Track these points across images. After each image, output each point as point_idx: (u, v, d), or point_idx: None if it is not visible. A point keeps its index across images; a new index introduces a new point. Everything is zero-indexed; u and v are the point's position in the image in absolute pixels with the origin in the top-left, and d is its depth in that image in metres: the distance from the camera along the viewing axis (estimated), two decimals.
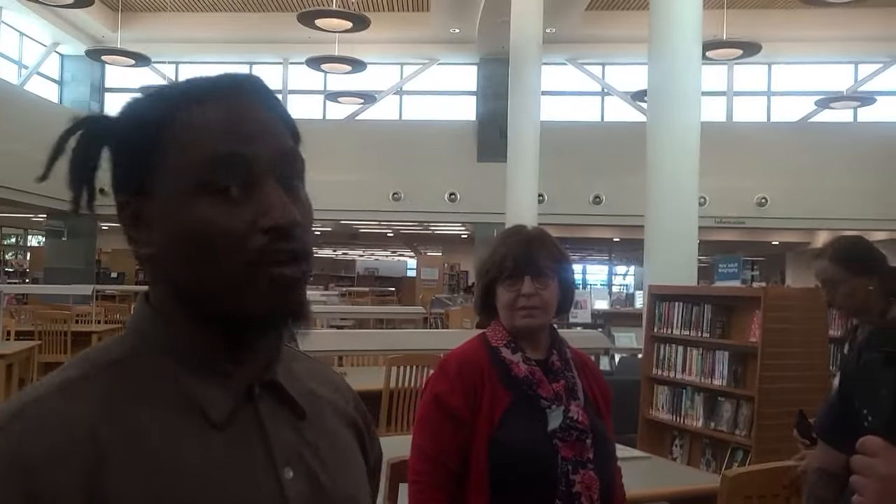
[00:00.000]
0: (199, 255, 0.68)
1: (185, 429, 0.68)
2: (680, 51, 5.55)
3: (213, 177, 0.68)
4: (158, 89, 0.73)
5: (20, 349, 7.20)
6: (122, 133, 0.71)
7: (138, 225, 0.71)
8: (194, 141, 0.69)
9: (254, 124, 0.71)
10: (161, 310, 0.72)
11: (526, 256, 1.70)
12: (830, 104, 12.93)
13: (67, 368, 0.70)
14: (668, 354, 4.45)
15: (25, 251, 20.35)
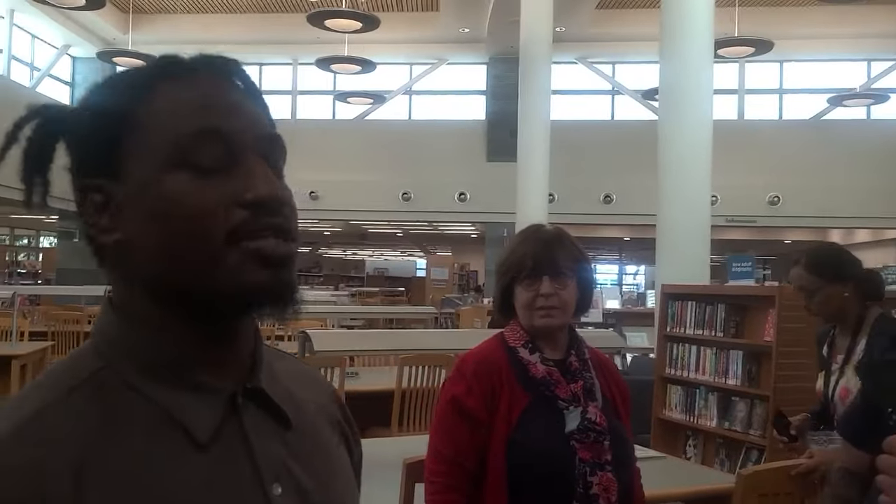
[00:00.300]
0: (175, 234, 0.63)
1: (168, 452, 0.62)
2: (691, 48, 5.52)
3: (189, 153, 0.64)
4: (130, 69, 0.70)
5: (34, 350, 7.23)
6: (91, 115, 0.67)
7: (104, 211, 0.66)
8: (168, 117, 0.65)
9: (231, 101, 0.67)
10: (128, 311, 0.66)
11: (545, 256, 1.69)
12: (843, 102, 12.85)
13: (25, 400, 0.63)
14: (682, 354, 4.42)
15: (38, 252, 20.46)
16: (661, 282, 5.10)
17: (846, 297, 2.36)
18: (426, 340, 4.05)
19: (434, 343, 4.18)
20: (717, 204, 8.97)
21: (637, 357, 6.49)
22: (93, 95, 0.68)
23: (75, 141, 0.67)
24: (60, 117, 0.69)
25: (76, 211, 0.68)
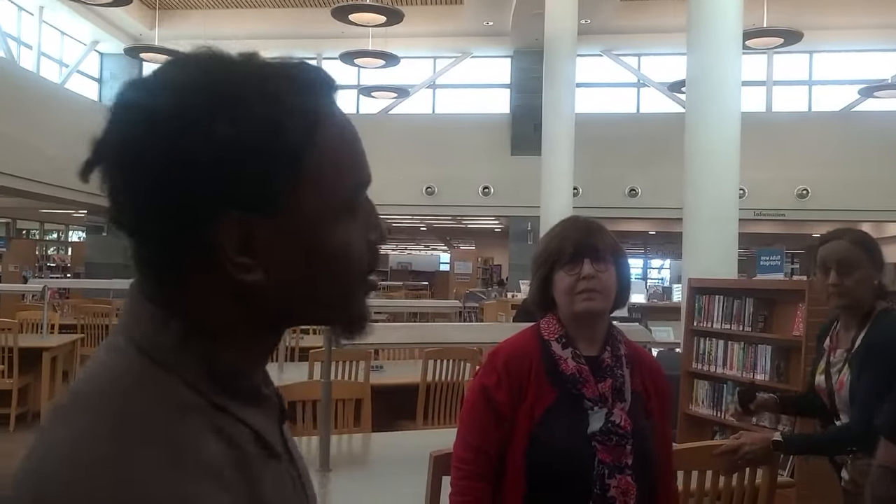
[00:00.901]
0: (328, 277, 0.63)
1: (262, 462, 0.63)
2: (719, 39, 5.45)
3: (355, 199, 0.65)
4: (284, 77, 0.62)
5: (64, 342, 7.35)
6: (256, 131, 0.58)
7: (246, 249, 0.59)
8: (346, 161, 0.64)
9: (359, 140, 0.68)
10: (217, 331, 0.61)
11: (585, 240, 1.69)
12: (874, 93, 12.62)
13: (115, 424, 0.56)
14: (709, 348, 4.38)
15: (67, 247, 20.77)
16: (687, 276, 5.06)
17: (875, 285, 2.33)
18: (450, 334, 4.05)
19: (458, 337, 4.18)
20: (744, 197, 8.87)
21: (663, 352, 6.45)
22: (246, 115, 0.58)
23: (222, 162, 0.57)
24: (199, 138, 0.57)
25: (189, 227, 0.58)
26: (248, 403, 0.63)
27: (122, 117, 0.61)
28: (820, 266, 2.35)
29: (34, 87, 12.62)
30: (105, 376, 0.59)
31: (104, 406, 0.57)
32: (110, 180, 0.60)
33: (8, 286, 11.80)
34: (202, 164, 0.56)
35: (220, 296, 0.61)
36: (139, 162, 0.58)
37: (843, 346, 2.39)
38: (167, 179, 0.57)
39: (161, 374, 0.59)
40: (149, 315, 0.61)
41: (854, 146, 13.13)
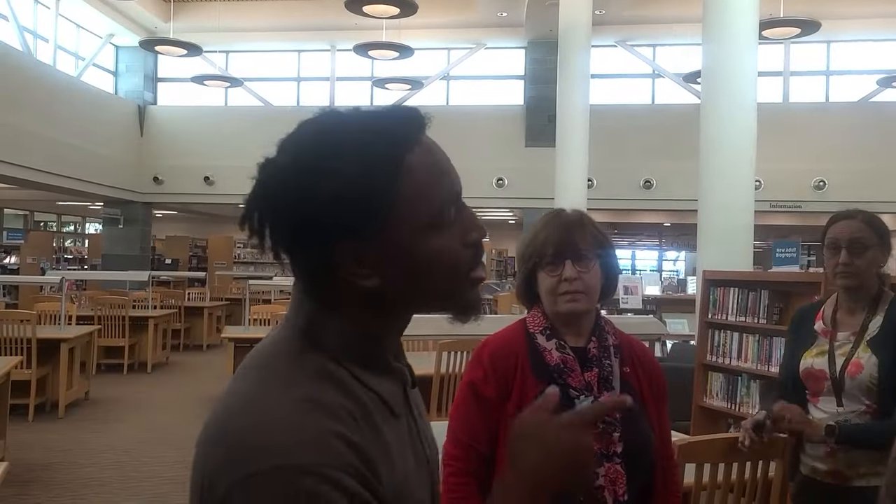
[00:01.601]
0: (431, 278, 0.80)
1: (387, 421, 0.81)
2: (735, 30, 5.40)
3: (445, 213, 0.80)
4: (377, 124, 0.80)
5: (81, 333, 7.42)
6: (353, 177, 0.76)
7: (361, 261, 0.78)
8: (433, 185, 0.80)
9: (447, 159, 0.84)
10: (353, 319, 0.81)
11: (566, 241, 1.67)
12: (893, 83, 12.47)
13: (283, 384, 0.76)
14: (723, 341, 4.36)
15: (83, 238, 20.93)
16: (702, 268, 5.03)
17: (880, 268, 2.33)
18: (465, 326, 4.04)
19: (472, 329, 4.18)
20: (760, 189, 8.81)
21: (677, 344, 6.42)
22: (347, 162, 0.76)
23: (332, 203, 0.75)
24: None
25: (318, 254, 0.78)
26: (378, 374, 0.82)
27: (265, 177, 0.79)
28: (829, 245, 2.33)
29: (50, 79, 12.71)
30: (273, 349, 0.81)
31: (269, 368, 0.79)
32: (261, 223, 0.78)
33: (26, 278, 11.91)
34: (317, 208, 0.75)
35: (353, 297, 0.80)
36: (275, 208, 0.77)
37: (848, 330, 2.35)
38: (297, 221, 0.76)
39: (312, 351, 0.79)
40: (307, 308, 0.81)
41: (872, 137, 13.00)
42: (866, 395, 2.27)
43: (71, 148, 12.59)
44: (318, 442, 0.71)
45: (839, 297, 2.42)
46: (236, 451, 0.71)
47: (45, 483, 5.10)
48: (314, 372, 0.77)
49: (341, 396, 0.76)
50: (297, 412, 0.73)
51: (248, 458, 0.70)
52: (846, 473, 2.30)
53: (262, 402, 0.74)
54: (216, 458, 0.72)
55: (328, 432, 0.72)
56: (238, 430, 0.73)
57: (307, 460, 0.69)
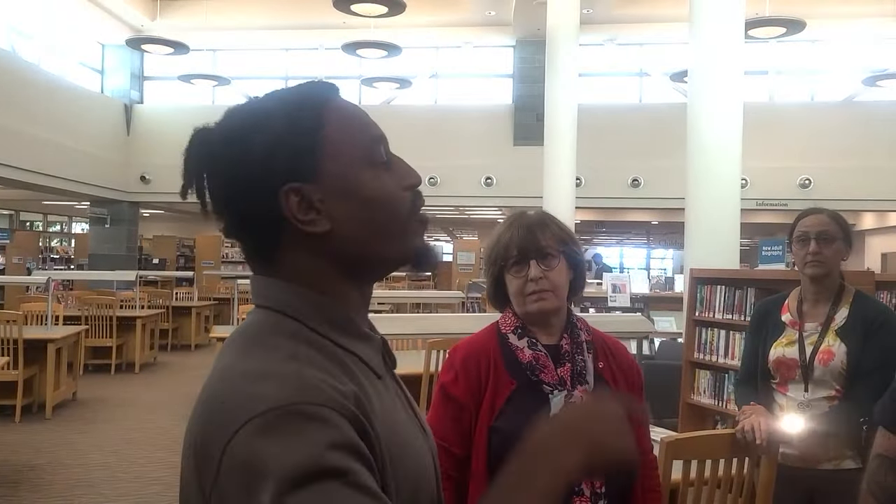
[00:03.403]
0: (377, 215, 0.84)
1: (371, 382, 0.83)
2: (721, 29, 5.42)
3: (376, 152, 0.86)
4: (294, 96, 0.86)
5: (68, 334, 7.38)
6: (283, 129, 0.82)
7: (309, 209, 0.82)
8: (354, 128, 0.86)
9: (367, 114, 0.90)
10: (315, 284, 0.84)
11: (529, 241, 1.68)
12: (877, 82, 12.56)
13: (268, 347, 0.79)
14: (710, 338, 4.39)
15: (70, 238, 20.80)
16: (689, 266, 5.06)
17: (843, 262, 2.52)
18: (454, 325, 4.06)
19: (462, 327, 4.19)
20: (747, 187, 8.87)
21: (665, 341, 6.46)
22: (274, 121, 0.83)
23: (267, 157, 0.81)
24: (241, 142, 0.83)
25: (266, 211, 0.81)
26: (356, 339, 0.85)
27: (196, 149, 0.86)
28: (799, 238, 2.51)
29: (36, 78, 12.62)
30: (251, 327, 0.84)
31: (248, 341, 0.81)
32: (209, 194, 0.85)
33: (12, 278, 11.83)
34: (254, 161, 0.81)
35: (309, 255, 0.83)
36: (217, 174, 0.84)
37: (815, 321, 2.52)
38: (238, 178, 0.82)
39: (290, 321, 0.82)
40: (269, 284, 0.85)
41: (857, 136, 13.10)
42: (837, 381, 2.43)
43: (57, 147, 12.51)
44: (308, 386, 0.73)
45: (804, 289, 2.58)
46: (232, 405, 0.72)
47: (33, 484, 5.07)
48: (291, 335, 0.80)
49: (321, 356, 0.79)
50: (283, 367, 0.75)
51: (244, 407, 0.71)
52: (816, 457, 2.43)
53: (248, 364, 0.77)
54: (211, 417, 0.74)
55: (316, 379, 0.74)
56: (230, 388, 0.75)
57: (302, 398, 0.71)
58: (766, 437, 2.29)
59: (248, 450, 0.68)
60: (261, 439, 0.68)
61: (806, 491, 2.47)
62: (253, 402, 0.71)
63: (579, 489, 1.57)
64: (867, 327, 2.42)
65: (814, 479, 2.44)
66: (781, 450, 2.41)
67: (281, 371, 0.74)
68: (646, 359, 5.65)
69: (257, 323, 0.84)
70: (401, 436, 0.83)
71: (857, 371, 2.39)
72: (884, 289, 3.59)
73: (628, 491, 1.67)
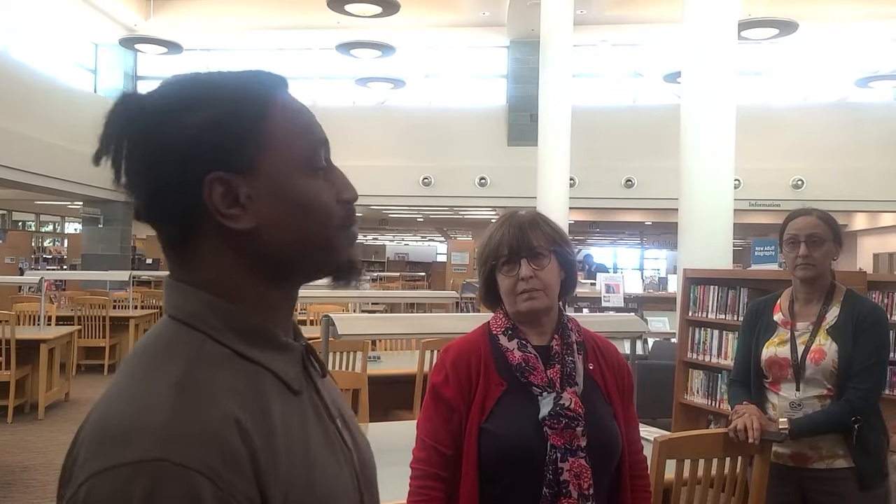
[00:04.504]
0: (306, 222, 0.79)
1: (283, 400, 0.77)
2: (715, 30, 5.44)
3: (313, 159, 0.80)
4: (235, 80, 0.79)
5: (61, 334, 7.35)
6: (223, 112, 0.76)
7: (233, 202, 0.75)
8: (298, 127, 0.80)
9: (312, 114, 0.84)
10: (228, 288, 0.77)
11: (520, 240, 1.69)
12: (869, 83, 12.62)
13: (158, 370, 0.72)
14: (704, 338, 4.41)
15: (63, 238, 20.72)
16: (683, 266, 5.08)
17: (833, 262, 2.53)
18: (448, 325, 4.05)
19: (455, 327, 4.18)
20: (739, 188, 8.87)
21: (659, 342, 6.47)
22: (216, 101, 0.76)
23: (199, 137, 0.74)
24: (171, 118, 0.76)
25: (187, 196, 0.74)
26: (271, 350, 0.78)
27: (122, 114, 0.77)
28: (789, 240, 2.52)
29: (28, 78, 12.56)
30: (150, 339, 0.77)
31: (143, 356, 0.75)
32: (124, 169, 0.77)
33: (4, 278, 11.77)
34: (185, 140, 0.74)
35: (225, 251, 0.77)
36: (141, 144, 0.75)
37: (807, 320, 2.53)
38: (163, 154, 0.74)
39: (190, 332, 0.75)
40: (178, 291, 0.78)
41: (849, 137, 13.15)
42: (828, 380, 2.44)
43: (50, 147, 12.46)
44: (181, 436, 0.66)
45: (795, 289, 2.60)
46: (99, 442, 0.67)
47: (25, 485, 5.05)
48: (190, 352, 0.73)
49: (222, 375, 0.73)
50: (160, 400, 0.68)
51: (109, 450, 0.65)
52: (808, 455, 2.45)
53: (131, 391, 0.71)
54: (81, 449, 0.69)
55: (194, 421, 0.67)
56: (103, 421, 0.69)
57: (167, 453, 0.65)
58: (758, 436, 2.30)
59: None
60: (112, 495, 0.63)
61: (798, 490, 2.48)
62: (123, 447, 0.65)
63: (567, 490, 1.57)
64: (858, 326, 2.43)
65: (806, 478, 2.46)
66: (774, 449, 2.42)
67: (155, 407, 0.68)
68: (639, 359, 5.65)
69: (156, 336, 0.77)
70: (310, 458, 0.76)
71: (848, 370, 2.40)
72: (876, 289, 3.62)
73: (617, 491, 1.68)
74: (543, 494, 1.57)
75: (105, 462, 0.65)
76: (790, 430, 2.40)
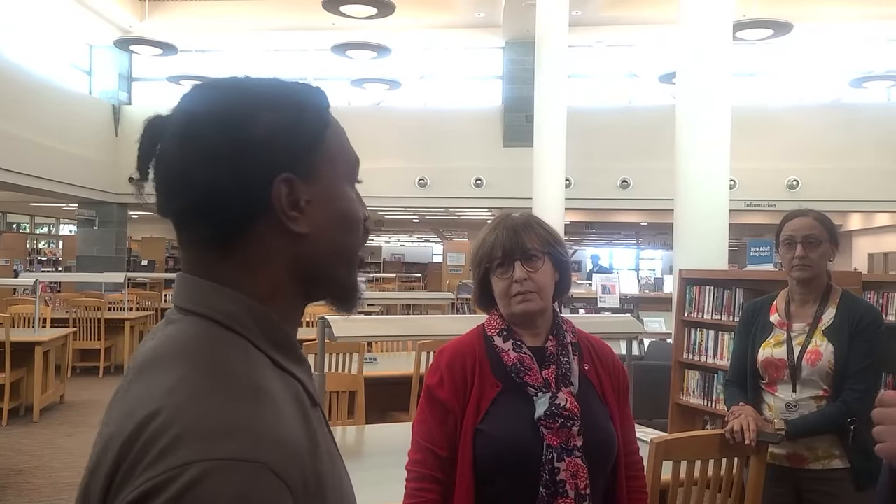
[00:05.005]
0: (346, 235, 0.81)
1: (313, 412, 0.78)
2: (710, 31, 5.45)
3: (355, 174, 0.84)
4: (302, 91, 0.81)
5: (56, 336, 7.33)
6: (294, 116, 0.78)
7: (295, 206, 0.76)
8: (344, 142, 0.84)
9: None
10: (266, 296, 0.77)
11: (513, 242, 1.69)
12: (864, 84, 12.66)
13: (227, 375, 0.69)
14: (699, 339, 4.41)
15: (58, 240, 20.67)
16: (678, 266, 5.08)
17: (829, 263, 2.54)
18: (444, 326, 4.06)
19: (452, 329, 4.18)
20: (735, 188, 8.92)
21: (654, 342, 6.48)
22: (284, 105, 0.78)
23: (271, 138, 0.75)
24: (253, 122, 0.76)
25: (251, 195, 0.74)
26: (295, 362, 0.79)
27: (186, 109, 0.78)
28: (785, 241, 2.52)
29: (23, 79, 12.53)
30: (183, 340, 0.73)
31: (196, 358, 0.71)
32: (165, 166, 0.76)
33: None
34: (256, 139, 0.74)
35: (274, 257, 0.77)
36: (203, 141, 0.74)
37: (803, 321, 2.54)
38: (233, 151, 0.74)
39: (232, 336, 0.74)
40: (216, 292, 0.75)
41: (844, 137, 13.19)
42: (824, 381, 2.45)
43: (44, 149, 12.43)
44: (272, 441, 0.65)
45: (791, 290, 2.60)
46: (188, 437, 0.63)
47: (20, 488, 5.04)
48: (243, 356, 0.72)
49: (276, 382, 0.73)
50: (243, 403, 0.67)
51: (204, 445, 0.62)
52: (804, 456, 2.45)
53: (203, 389, 0.67)
54: (150, 440, 0.63)
55: (279, 430, 0.67)
56: (180, 413, 0.64)
57: (267, 456, 0.64)
58: (754, 437, 2.30)
59: (194, 499, 0.60)
60: (210, 492, 0.60)
61: (794, 490, 2.49)
62: (212, 440, 0.62)
63: (564, 490, 1.57)
64: (854, 327, 2.44)
65: (802, 478, 2.46)
66: (770, 449, 2.43)
67: (241, 409, 0.66)
68: (635, 359, 5.67)
69: (192, 337, 0.73)
70: (336, 474, 0.76)
71: (844, 371, 2.41)
72: (871, 289, 3.62)
73: (613, 491, 1.68)
74: (540, 495, 1.57)
75: (203, 454, 0.62)
76: (786, 431, 2.40)
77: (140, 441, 0.64)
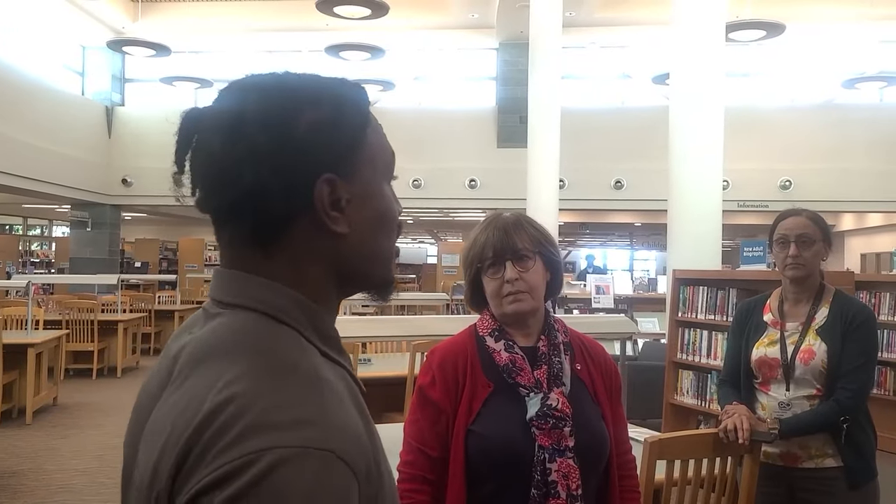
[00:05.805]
0: (383, 234, 0.82)
1: (362, 398, 0.79)
2: (703, 32, 5.47)
3: (392, 172, 0.85)
4: (345, 85, 0.81)
5: (49, 338, 7.31)
6: (337, 114, 0.77)
7: (335, 205, 0.76)
8: (383, 140, 0.84)
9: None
10: (310, 291, 0.78)
11: (504, 242, 1.69)
12: (856, 85, 12.71)
13: (288, 368, 0.70)
14: (693, 339, 4.42)
15: (51, 242, 20.60)
16: (672, 267, 5.09)
17: (822, 262, 2.55)
18: (438, 327, 4.06)
19: (446, 329, 4.18)
20: (728, 189, 8.93)
21: (648, 342, 6.50)
22: (326, 102, 0.77)
23: (313, 137, 0.75)
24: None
25: (294, 193, 0.74)
26: (339, 354, 0.80)
27: (228, 104, 0.77)
28: (779, 240, 2.53)
29: (15, 80, 12.49)
30: (239, 332, 0.74)
31: (256, 349, 0.71)
32: (207, 161, 0.75)
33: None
34: (300, 137, 0.74)
35: (314, 256, 0.77)
36: (256, 142, 0.73)
37: (796, 320, 2.55)
38: (278, 149, 0.73)
39: (286, 329, 0.74)
40: (263, 286, 0.76)
41: (836, 138, 13.24)
42: (818, 380, 2.46)
43: (37, 150, 12.39)
44: (342, 430, 0.67)
45: (785, 289, 2.61)
46: (258, 426, 0.64)
47: (14, 490, 5.02)
48: (298, 346, 0.73)
49: (330, 372, 0.74)
50: (310, 393, 0.68)
51: (276, 433, 0.63)
52: (798, 455, 2.46)
53: (264, 379, 0.68)
54: (221, 428, 0.64)
55: (345, 420, 0.69)
56: (248, 402, 0.65)
57: (339, 445, 0.65)
58: (748, 436, 2.31)
59: (271, 485, 0.61)
60: (286, 478, 0.61)
61: (788, 489, 2.50)
62: (285, 428, 0.64)
63: (555, 491, 1.57)
64: (847, 326, 2.44)
65: (795, 477, 2.47)
66: (764, 448, 2.43)
67: (309, 397, 0.67)
68: (629, 360, 5.68)
69: (247, 329, 0.73)
70: (387, 467, 0.77)
71: (837, 370, 2.42)
72: (863, 289, 3.64)
73: (605, 491, 1.68)
74: (532, 495, 1.57)
75: (278, 441, 0.63)
76: (779, 430, 2.41)
77: (212, 427, 0.65)
